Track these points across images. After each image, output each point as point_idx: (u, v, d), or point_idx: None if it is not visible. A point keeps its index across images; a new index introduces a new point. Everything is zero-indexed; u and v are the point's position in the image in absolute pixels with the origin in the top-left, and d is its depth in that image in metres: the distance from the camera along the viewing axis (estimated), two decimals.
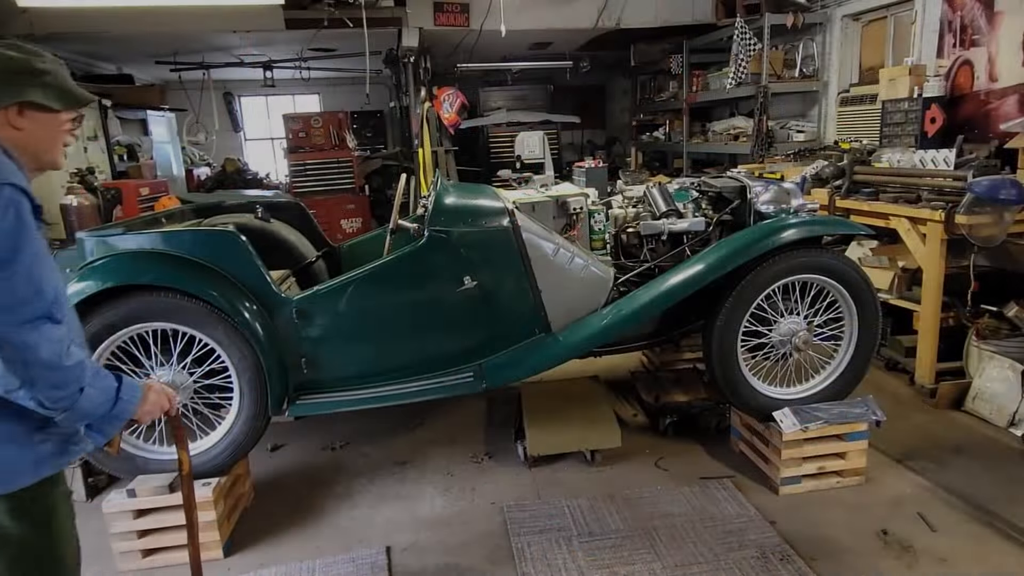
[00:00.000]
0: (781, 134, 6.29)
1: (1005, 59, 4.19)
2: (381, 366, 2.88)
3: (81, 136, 5.77)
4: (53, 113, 1.46)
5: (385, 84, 9.83)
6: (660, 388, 3.58)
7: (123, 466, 2.74)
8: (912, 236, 3.63)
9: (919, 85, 4.50)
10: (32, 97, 1.41)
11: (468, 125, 7.74)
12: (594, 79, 10.61)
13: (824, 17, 5.99)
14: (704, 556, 2.44)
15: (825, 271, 2.87)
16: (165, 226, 3.12)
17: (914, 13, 4.93)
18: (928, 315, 3.62)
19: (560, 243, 3.08)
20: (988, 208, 3.28)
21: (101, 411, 1.41)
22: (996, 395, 3.40)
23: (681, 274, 2.87)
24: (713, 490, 2.87)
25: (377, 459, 3.30)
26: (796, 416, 2.79)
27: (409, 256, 2.80)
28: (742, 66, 6.07)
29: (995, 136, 4.18)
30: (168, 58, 7.73)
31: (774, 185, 3.28)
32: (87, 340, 2.64)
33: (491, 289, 2.88)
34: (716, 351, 2.88)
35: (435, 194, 2.94)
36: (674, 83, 8.18)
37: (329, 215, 6.94)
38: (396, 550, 2.59)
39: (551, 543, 2.55)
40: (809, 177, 4.50)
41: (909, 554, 2.43)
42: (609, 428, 3.13)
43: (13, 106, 1.40)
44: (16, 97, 1.40)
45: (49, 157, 1.51)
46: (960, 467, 3.00)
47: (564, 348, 2.91)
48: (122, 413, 1.45)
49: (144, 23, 5.89)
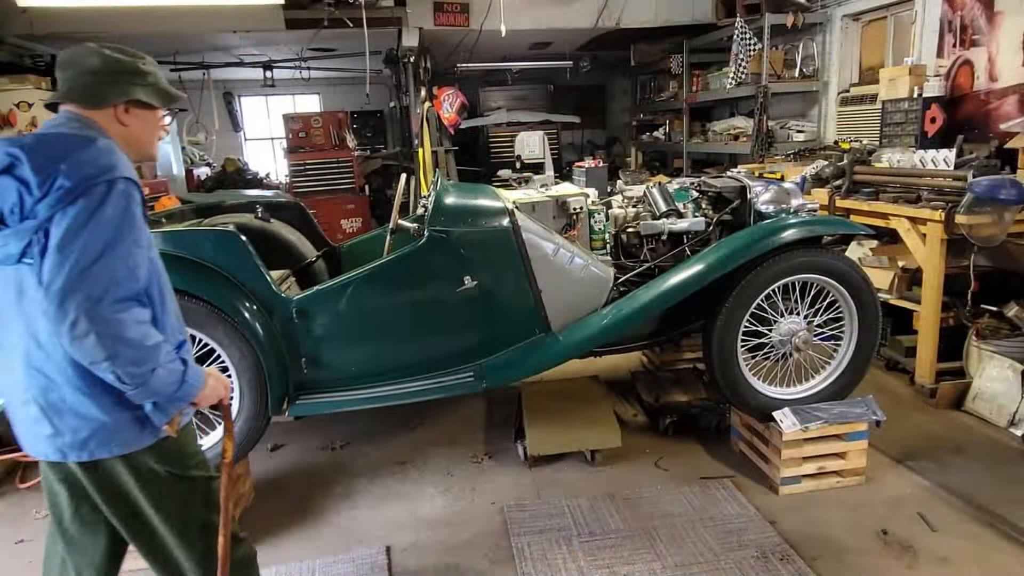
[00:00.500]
0: (781, 134, 6.29)
1: (1005, 59, 4.19)
2: (381, 366, 2.89)
3: None
4: (153, 110, 1.64)
5: (385, 84, 9.83)
6: (660, 388, 3.58)
7: None
8: (912, 236, 3.63)
9: (919, 85, 4.50)
10: (138, 96, 1.58)
11: (468, 125, 7.75)
12: (594, 79, 10.61)
13: (824, 17, 5.99)
14: (704, 556, 2.44)
15: (825, 271, 2.87)
16: (165, 226, 3.12)
17: (914, 13, 4.93)
18: (928, 315, 3.62)
19: (560, 243, 3.08)
20: (988, 208, 3.28)
21: (168, 391, 1.50)
22: (996, 395, 3.40)
23: (681, 274, 2.87)
24: (713, 490, 2.87)
25: (377, 459, 3.30)
26: (796, 416, 2.79)
27: (409, 256, 2.80)
28: (742, 66, 6.07)
29: (995, 136, 4.17)
30: (168, 58, 7.72)
31: (774, 185, 3.28)
32: None
33: (491, 289, 2.88)
34: (716, 351, 2.88)
35: (435, 194, 2.94)
36: (674, 83, 8.18)
37: (329, 215, 6.93)
38: (396, 550, 2.59)
39: (551, 543, 2.55)
40: (809, 177, 4.51)
41: (909, 554, 2.43)
42: (609, 428, 3.13)
43: (122, 104, 1.57)
44: (125, 96, 1.57)
45: (147, 151, 1.69)
46: (960, 467, 3.00)
47: (564, 348, 2.91)
48: (185, 395, 1.54)
49: (144, 23, 5.89)
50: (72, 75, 1.55)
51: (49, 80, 5.46)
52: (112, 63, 1.56)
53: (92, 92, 1.54)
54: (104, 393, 1.48)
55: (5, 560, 2.65)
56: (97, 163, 1.43)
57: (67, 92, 1.55)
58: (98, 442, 1.51)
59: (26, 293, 1.44)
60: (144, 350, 1.43)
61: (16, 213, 1.41)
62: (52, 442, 1.50)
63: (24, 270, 1.42)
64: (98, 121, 1.55)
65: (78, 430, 1.49)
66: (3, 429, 3.38)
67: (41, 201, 1.39)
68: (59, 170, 1.39)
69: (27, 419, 1.52)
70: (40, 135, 1.50)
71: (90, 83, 1.54)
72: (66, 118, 1.54)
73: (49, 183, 1.39)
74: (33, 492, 3.11)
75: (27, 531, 2.83)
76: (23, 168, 1.40)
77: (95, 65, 1.55)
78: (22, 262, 1.42)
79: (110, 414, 1.49)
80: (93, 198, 1.39)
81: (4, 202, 1.42)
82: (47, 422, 1.49)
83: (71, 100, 1.55)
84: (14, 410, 1.55)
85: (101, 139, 1.49)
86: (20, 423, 1.55)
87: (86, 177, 1.40)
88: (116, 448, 1.52)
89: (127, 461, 1.55)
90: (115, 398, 1.49)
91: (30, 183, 1.40)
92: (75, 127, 1.51)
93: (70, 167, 1.40)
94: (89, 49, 1.57)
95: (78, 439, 1.50)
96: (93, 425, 1.49)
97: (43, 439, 1.51)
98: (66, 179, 1.39)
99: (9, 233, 1.41)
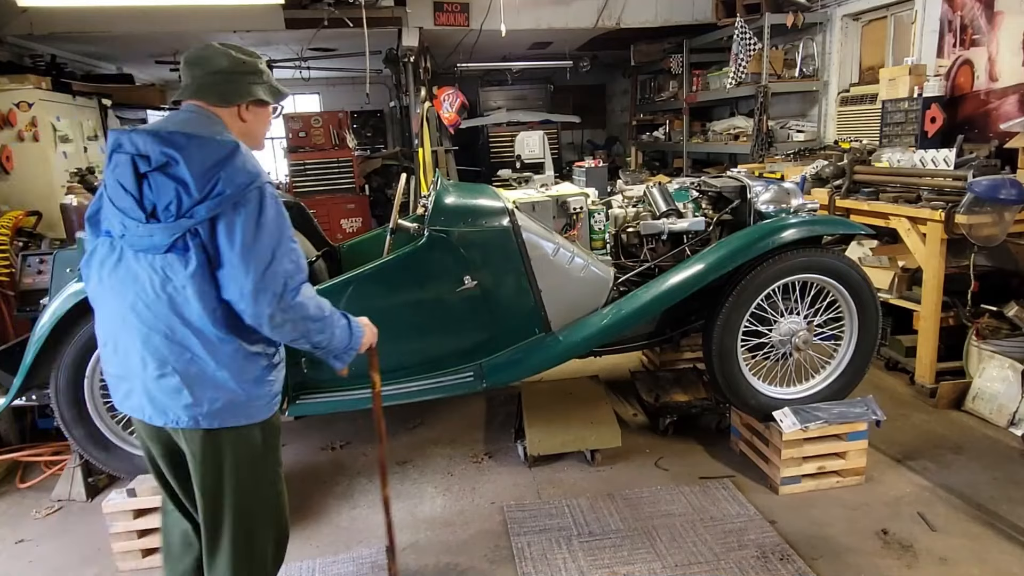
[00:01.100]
0: (781, 134, 6.29)
1: (1005, 59, 4.19)
2: (381, 366, 2.87)
3: (81, 135, 5.77)
4: (266, 107, 1.77)
5: (385, 84, 9.82)
6: (660, 388, 3.58)
7: (123, 466, 2.74)
8: (912, 236, 3.63)
9: (919, 85, 4.50)
10: (259, 95, 1.72)
11: (468, 125, 7.73)
12: (594, 79, 10.61)
13: (824, 17, 5.98)
14: (704, 556, 2.44)
15: (825, 271, 2.87)
16: None
17: (914, 13, 4.93)
18: (928, 315, 3.62)
19: (560, 243, 3.08)
20: (988, 208, 3.28)
21: (344, 344, 1.77)
22: (996, 395, 3.40)
23: (681, 274, 2.87)
24: (713, 490, 2.87)
25: (377, 459, 3.30)
26: (796, 416, 2.79)
27: (409, 256, 2.80)
28: (742, 66, 6.06)
29: (995, 136, 4.18)
30: (168, 58, 7.72)
31: (774, 185, 3.28)
32: (87, 342, 2.64)
33: (491, 289, 2.88)
34: (716, 351, 2.88)
35: (435, 194, 2.94)
36: (674, 83, 8.18)
37: (329, 215, 6.93)
38: (396, 550, 2.58)
39: (551, 543, 2.55)
40: (809, 177, 4.50)
41: (909, 554, 2.43)
42: (609, 428, 3.13)
43: (245, 103, 1.70)
44: (250, 96, 1.71)
45: (259, 143, 1.84)
46: (960, 467, 3.00)
47: (564, 348, 2.91)
48: (356, 344, 1.82)
49: (144, 23, 5.89)
50: (201, 74, 1.67)
51: (49, 80, 5.46)
52: (239, 64, 1.69)
53: (220, 91, 1.67)
54: (243, 371, 1.65)
55: (6, 560, 2.65)
56: (247, 170, 1.58)
57: (196, 90, 1.67)
58: (229, 413, 1.66)
59: (171, 279, 1.57)
60: (323, 320, 1.69)
61: (172, 210, 1.53)
62: (189, 411, 1.63)
63: (171, 258, 1.56)
64: (222, 117, 1.68)
65: (215, 400, 1.63)
66: (4, 429, 3.38)
67: (201, 204, 1.52)
68: (219, 177, 1.53)
69: (165, 388, 1.63)
70: (189, 136, 1.57)
71: (219, 82, 1.67)
72: (196, 114, 1.66)
73: (209, 188, 1.53)
74: (33, 492, 3.11)
75: (27, 531, 2.82)
76: (180, 169, 1.52)
77: (223, 65, 1.67)
78: (171, 253, 1.55)
79: (245, 390, 1.66)
80: (251, 206, 1.56)
81: (160, 198, 1.54)
82: (187, 392, 1.61)
83: (200, 98, 1.67)
84: (139, 379, 1.65)
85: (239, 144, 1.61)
86: (147, 390, 1.64)
87: (240, 185, 1.55)
88: (243, 419, 1.68)
89: (243, 432, 1.70)
90: (251, 376, 1.67)
91: (189, 185, 1.52)
92: (205, 123, 1.63)
93: (227, 175, 1.54)
94: (217, 50, 1.69)
95: (213, 409, 1.64)
96: (228, 397, 1.64)
97: (180, 407, 1.63)
98: (225, 186, 1.53)
99: (160, 227, 1.53)
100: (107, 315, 1.68)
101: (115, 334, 1.66)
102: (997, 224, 3.30)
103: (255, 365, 1.68)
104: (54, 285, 2.93)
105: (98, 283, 1.67)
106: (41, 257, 3.75)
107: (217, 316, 1.59)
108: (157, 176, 1.54)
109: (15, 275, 3.79)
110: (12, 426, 3.40)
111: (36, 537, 2.78)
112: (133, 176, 1.55)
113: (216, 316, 1.59)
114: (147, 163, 1.54)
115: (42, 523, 2.88)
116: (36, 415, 3.43)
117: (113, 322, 1.66)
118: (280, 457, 1.86)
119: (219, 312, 1.59)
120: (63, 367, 2.63)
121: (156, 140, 1.53)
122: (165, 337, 1.60)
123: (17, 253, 3.89)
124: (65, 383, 2.65)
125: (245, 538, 1.75)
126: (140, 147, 1.54)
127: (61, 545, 2.72)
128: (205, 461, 1.68)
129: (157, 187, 1.54)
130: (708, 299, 2.95)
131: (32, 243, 4.19)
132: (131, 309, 1.60)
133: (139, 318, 1.60)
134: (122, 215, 1.57)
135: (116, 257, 1.62)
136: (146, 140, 1.54)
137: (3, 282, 3.86)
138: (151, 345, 1.61)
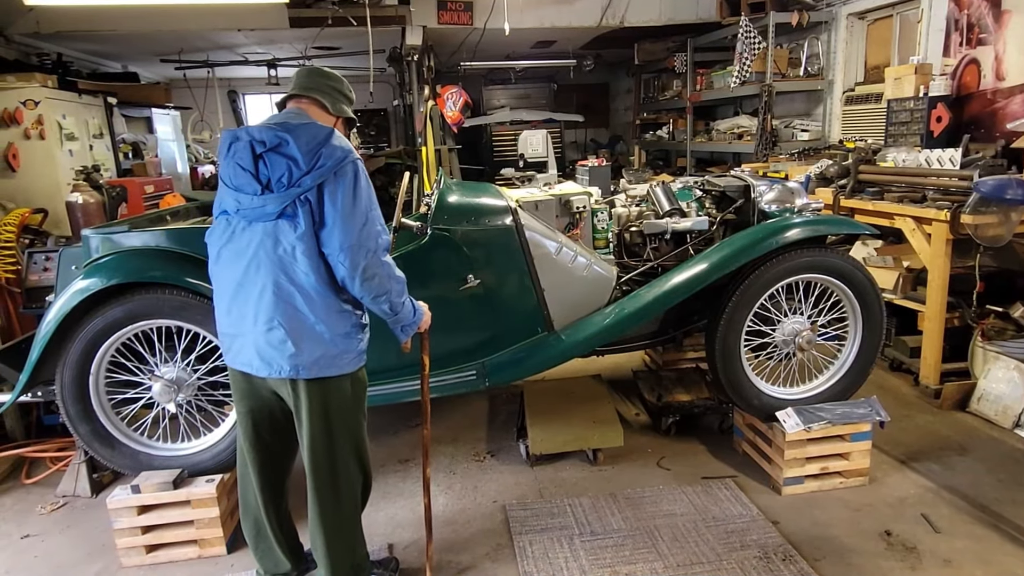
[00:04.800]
0: (785, 133, 6.27)
1: (1012, 58, 4.17)
2: (383, 364, 2.88)
3: (86, 134, 5.79)
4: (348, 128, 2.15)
5: (389, 82, 9.83)
6: (662, 387, 3.57)
7: (127, 462, 2.75)
8: (917, 236, 3.61)
9: (925, 84, 4.48)
10: (349, 115, 2.13)
11: (471, 123, 7.74)
12: (597, 78, 10.60)
13: (829, 15, 5.96)
14: (706, 556, 2.44)
15: (829, 271, 2.86)
16: (170, 224, 3.13)
17: (920, 11, 4.90)
18: (933, 315, 3.60)
19: (563, 242, 3.08)
20: (994, 208, 3.26)
21: (409, 319, 2.06)
22: (1001, 396, 3.38)
23: (684, 273, 2.87)
24: (715, 490, 2.87)
25: (379, 457, 3.31)
26: (799, 416, 2.79)
27: (412, 254, 2.80)
28: (746, 65, 6.05)
29: (1001, 135, 4.16)
30: (173, 56, 7.74)
31: (778, 184, 3.27)
32: (92, 339, 2.65)
33: (494, 287, 2.88)
34: (719, 350, 2.87)
35: (438, 192, 2.95)
36: (678, 82, 8.17)
37: None
38: (398, 548, 2.59)
39: (553, 542, 2.56)
40: (813, 176, 4.49)
41: (913, 555, 2.42)
42: (611, 427, 3.13)
43: (342, 119, 2.10)
44: (346, 114, 2.11)
45: None
46: (965, 468, 2.98)
47: (567, 347, 2.91)
48: (418, 321, 2.10)
49: (149, 22, 5.91)
50: (322, 83, 2.06)
51: (55, 78, 5.49)
52: (347, 88, 2.12)
53: (333, 101, 2.05)
54: (336, 325, 1.93)
55: (11, 555, 2.67)
56: (342, 147, 1.89)
57: (315, 91, 2.03)
58: (325, 363, 1.94)
59: (281, 242, 1.87)
60: (402, 284, 2.00)
61: (284, 182, 1.84)
62: (291, 360, 1.91)
63: (281, 223, 1.86)
64: (320, 122, 1.97)
65: (313, 351, 1.92)
66: (9, 425, 3.40)
67: (307, 175, 1.83)
68: (321, 153, 1.84)
69: (273, 340, 1.91)
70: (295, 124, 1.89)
71: (334, 95, 2.07)
72: (298, 113, 1.98)
73: (314, 161, 1.83)
74: (39, 488, 3.13)
75: (33, 526, 2.84)
76: (291, 148, 1.84)
77: (339, 85, 2.10)
78: (281, 219, 1.85)
79: (339, 344, 1.95)
80: (348, 175, 1.86)
81: (274, 172, 1.85)
82: (291, 343, 1.90)
83: (313, 99, 2.02)
84: (250, 334, 1.93)
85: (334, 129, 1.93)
86: (256, 344, 1.93)
87: (338, 159, 1.85)
88: (335, 370, 1.97)
89: (335, 382, 1.99)
90: (343, 331, 1.95)
91: (298, 160, 1.83)
92: (305, 119, 1.95)
93: (328, 151, 1.85)
94: (332, 72, 2.11)
95: (312, 358, 1.92)
96: (324, 349, 1.93)
97: (285, 357, 1.91)
98: (326, 160, 1.84)
99: (273, 197, 1.85)
100: (224, 282, 1.97)
101: (230, 297, 1.95)
102: (1003, 224, 3.28)
103: (346, 321, 1.95)
104: (60, 282, 2.94)
105: (215, 259, 1.99)
106: (47, 254, 3.77)
107: (320, 273, 1.88)
108: (271, 155, 1.85)
109: (21, 272, 3.81)
110: (18, 422, 3.41)
111: (41, 532, 2.80)
112: (251, 157, 1.85)
113: (320, 273, 1.88)
114: (263, 146, 1.85)
115: (47, 519, 2.89)
116: (42, 411, 3.45)
117: (230, 286, 1.95)
118: (366, 410, 2.15)
119: (322, 270, 1.89)
120: (68, 364, 2.64)
121: (269, 128, 1.87)
122: (273, 294, 1.88)
123: (23, 250, 3.91)
124: (70, 379, 2.65)
125: (344, 477, 2.07)
126: (256, 135, 1.86)
127: (66, 541, 2.73)
128: (307, 407, 1.97)
129: (272, 164, 1.85)
130: (711, 299, 2.94)
131: (38, 240, 4.21)
132: (244, 272, 1.91)
133: (251, 280, 1.90)
134: (237, 192, 1.88)
135: (231, 232, 1.93)
136: (260, 129, 1.88)
137: (9, 279, 3.89)
138: (263, 303, 1.89)
